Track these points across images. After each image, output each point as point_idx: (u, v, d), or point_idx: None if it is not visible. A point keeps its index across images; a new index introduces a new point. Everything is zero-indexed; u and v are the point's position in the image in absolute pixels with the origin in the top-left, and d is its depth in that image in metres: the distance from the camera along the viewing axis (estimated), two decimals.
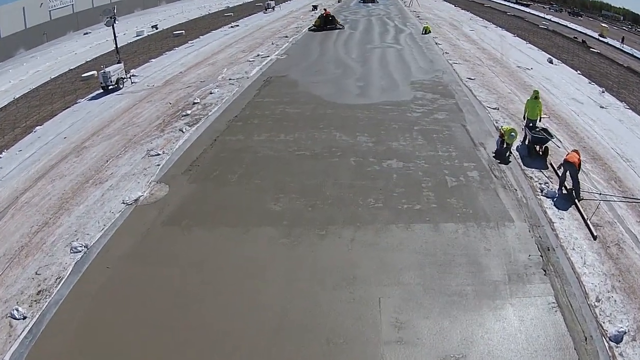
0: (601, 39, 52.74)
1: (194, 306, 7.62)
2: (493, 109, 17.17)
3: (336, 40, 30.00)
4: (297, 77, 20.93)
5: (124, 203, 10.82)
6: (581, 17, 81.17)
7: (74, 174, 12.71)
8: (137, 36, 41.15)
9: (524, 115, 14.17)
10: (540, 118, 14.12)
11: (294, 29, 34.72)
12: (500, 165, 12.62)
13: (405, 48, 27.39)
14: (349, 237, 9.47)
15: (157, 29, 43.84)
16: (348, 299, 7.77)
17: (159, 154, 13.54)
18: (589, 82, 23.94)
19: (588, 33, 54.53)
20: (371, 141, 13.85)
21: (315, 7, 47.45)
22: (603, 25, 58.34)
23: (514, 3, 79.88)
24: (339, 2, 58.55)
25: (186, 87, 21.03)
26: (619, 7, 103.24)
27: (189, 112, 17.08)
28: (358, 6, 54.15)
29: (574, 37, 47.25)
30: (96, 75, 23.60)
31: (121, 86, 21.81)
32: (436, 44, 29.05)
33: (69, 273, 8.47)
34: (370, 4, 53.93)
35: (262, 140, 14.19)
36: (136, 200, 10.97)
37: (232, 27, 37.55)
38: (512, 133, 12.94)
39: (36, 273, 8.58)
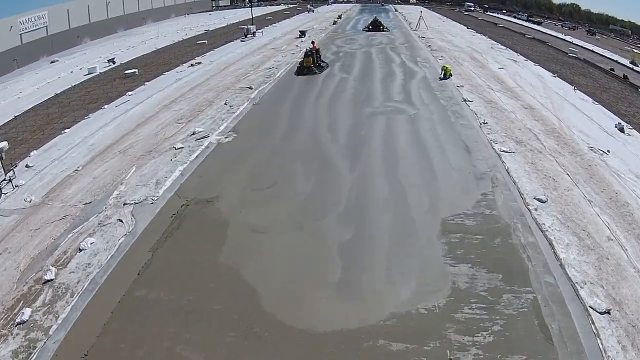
0: (634, 67, 42.93)
1: None
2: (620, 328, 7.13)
3: (319, 96, 19.57)
4: (232, 206, 10.61)
5: None
6: (596, 35, 71.07)
7: None
8: (88, 74, 31.92)
9: None
10: None
11: (267, 71, 24.36)
12: None
13: (422, 113, 17.05)
14: None
15: (113, 63, 34.30)
16: None
17: None
18: None
19: (617, 60, 44.54)
20: None
21: (302, 34, 37.18)
22: (635, 51, 47.93)
23: (525, 21, 69.41)
24: (334, 24, 48.29)
25: (62, 216, 11.44)
26: (624, 20, 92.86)
27: (23, 319, 7.57)
28: (355, 31, 43.60)
29: (611, 69, 37.32)
30: (6, 147, 14.34)
31: None
32: (464, 100, 18.74)
33: None
34: (374, 31, 42.11)
35: None
36: None
37: (192, 65, 27.47)
38: None
39: None
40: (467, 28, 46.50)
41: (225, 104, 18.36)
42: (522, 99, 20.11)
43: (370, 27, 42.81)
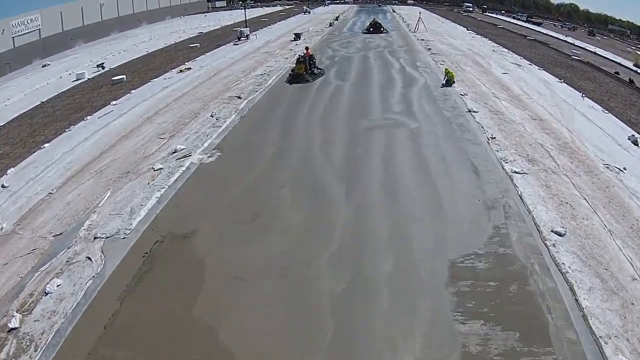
0: (639, 70, 41.78)
1: None
2: None
3: (311, 107, 18.17)
4: (210, 243, 9.20)
5: None
6: (596, 36, 69.99)
7: None
8: (76, 80, 30.64)
9: None
10: None
11: (258, 78, 22.97)
12: None
13: (424, 127, 15.68)
14: None
15: (103, 68, 33.02)
16: None
17: None
18: None
19: (621, 62, 43.38)
20: None
21: (297, 36, 35.82)
22: (638, 53, 46.73)
23: (525, 22, 68.08)
24: (330, 25, 46.90)
25: (31, 249, 10.14)
26: (623, 20, 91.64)
27: None
28: (353, 33, 42.26)
29: (616, 73, 36.17)
30: None
31: None
32: (469, 111, 17.41)
33: None
34: (373, 33, 40.36)
35: None
36: None
37: (181, 71, 26.10)
38: None
39: None
40: (467, 30, 45.18)
41: (211, 116, 16.97)
42: (530, 109, 18.81)
43: (371, 29, 41.40)
